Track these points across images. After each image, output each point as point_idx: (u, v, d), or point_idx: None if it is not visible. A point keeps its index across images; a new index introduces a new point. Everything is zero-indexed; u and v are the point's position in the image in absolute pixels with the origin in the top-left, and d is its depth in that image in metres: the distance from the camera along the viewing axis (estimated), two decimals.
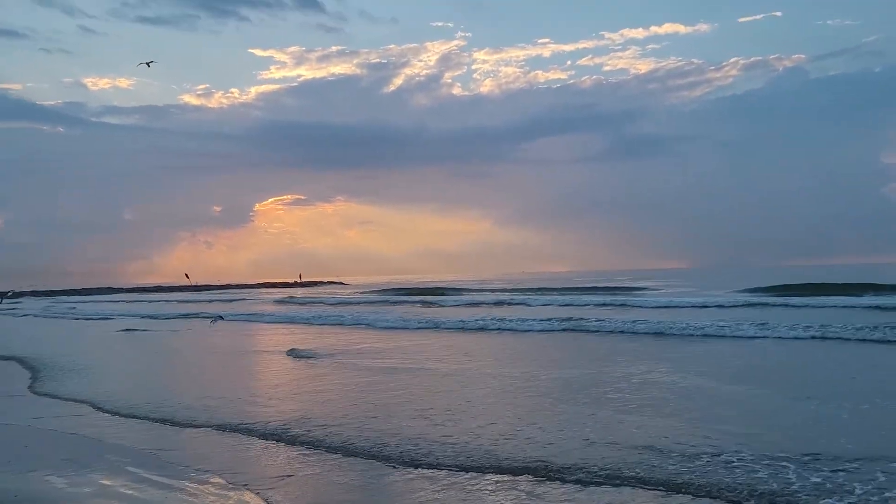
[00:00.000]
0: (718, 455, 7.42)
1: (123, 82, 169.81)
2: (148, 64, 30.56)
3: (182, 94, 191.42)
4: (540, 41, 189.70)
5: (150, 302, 61.02)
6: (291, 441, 8.82)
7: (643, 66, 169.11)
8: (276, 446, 8.64)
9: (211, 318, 33.77)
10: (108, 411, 11.07)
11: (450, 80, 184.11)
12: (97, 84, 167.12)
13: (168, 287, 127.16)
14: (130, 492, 6.85)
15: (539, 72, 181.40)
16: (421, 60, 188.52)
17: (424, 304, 40.79)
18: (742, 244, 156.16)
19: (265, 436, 9.15)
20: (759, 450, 7.56)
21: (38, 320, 40.27)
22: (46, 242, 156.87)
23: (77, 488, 7.00)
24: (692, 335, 20.00)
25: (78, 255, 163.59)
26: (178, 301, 61.07)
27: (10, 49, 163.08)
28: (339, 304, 45.21)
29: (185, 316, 39.04)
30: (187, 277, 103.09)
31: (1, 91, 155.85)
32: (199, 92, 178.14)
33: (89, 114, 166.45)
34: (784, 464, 7.06)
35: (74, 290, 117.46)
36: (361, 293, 62.71)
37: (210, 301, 58.54)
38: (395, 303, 43.14)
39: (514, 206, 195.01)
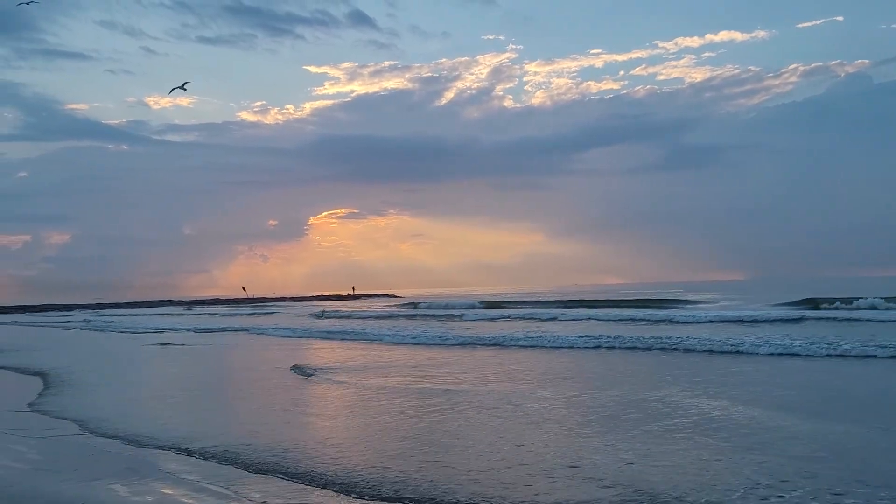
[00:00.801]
0: None
1: (184, 100, 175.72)
2: (183, 87, 30.79)
3: (240, 111, 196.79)
4: (592, 52, 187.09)
5: (198, 315, 62.13)
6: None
7: (698, 75, 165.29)
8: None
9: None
10: (92, 432, 10.83)
11: (501, 93, 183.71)
12: (159, 103, 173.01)
13: (226, 299, 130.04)
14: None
15: (591, 82, 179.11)
16: (472, 73, 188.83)
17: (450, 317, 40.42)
18: (802, 255, 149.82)
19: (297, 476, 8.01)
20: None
21: (79, 333, 41.20)
22: (111, 257, 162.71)
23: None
24: (749, 353, 18.60)
25: (140, 268, 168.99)
26: (225, 315, 61.86)
27: (78, 71, 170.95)
28: (378, 317, 44.87)
29: (222, 329, 39.41)
30: (244, 290, 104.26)
31: (68, 111, 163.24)
32: (255, 108, 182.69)
33: (151, 132, 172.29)
34: None
35: (136, 302, 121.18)
36: (397, 307, 62.41)
37: (248, 314, 59.26)
38: (433, 317, 42.31)
39: (566, 218, 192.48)
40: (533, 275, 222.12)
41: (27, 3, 24.19)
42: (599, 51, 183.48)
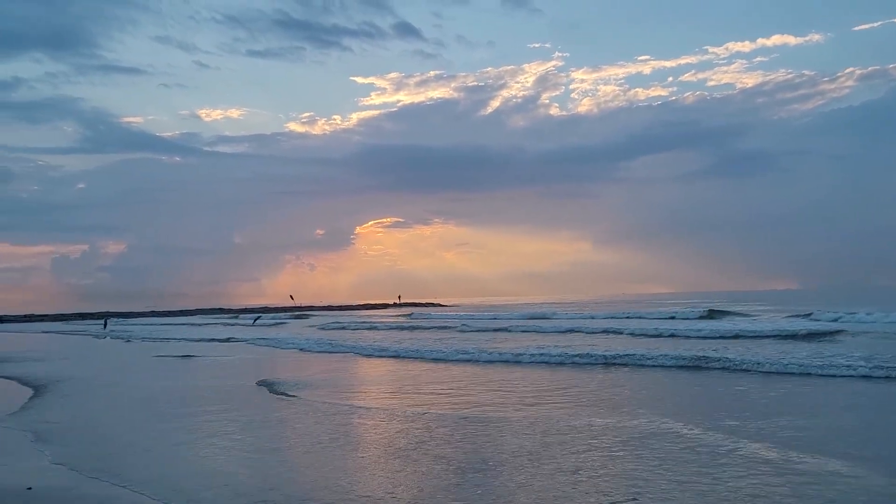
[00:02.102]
0: None
1: (234, 112, 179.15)
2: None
3: (288, 122, 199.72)
4: (640, 58, 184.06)
5: (234, 325, 62.38)
6: None
7: (750, 80, 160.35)
8: None
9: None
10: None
11: (547, 101, 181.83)
12: (210, 115, 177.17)
13: (274, 308, 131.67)
14: None
15: (639, 89, 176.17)
16: (518, 82, 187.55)
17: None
18: (859, 263, 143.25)
19: None
20: None
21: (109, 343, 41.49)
22: (164, 266, 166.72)
23: None
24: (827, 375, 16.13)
25: (192, 277, 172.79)
26: (252, 324, 61.94)
27: (133, 85, 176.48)
28: (415, 328, 43.95)
29: (246, 340, 39.10)
30: (292, 299, 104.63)
31: (124, 124, 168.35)
32: (303, 119, 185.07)
33: (203, 143, 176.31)
34: None
35: (189, 310, 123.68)
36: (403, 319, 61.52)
37: (276, 323, 59.26)
38: (473, 330, 40.69)
39: (613, 226, 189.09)
40: (578, 284, 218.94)
41: None
42: (647, 57, 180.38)
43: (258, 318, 47.74)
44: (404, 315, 71.65)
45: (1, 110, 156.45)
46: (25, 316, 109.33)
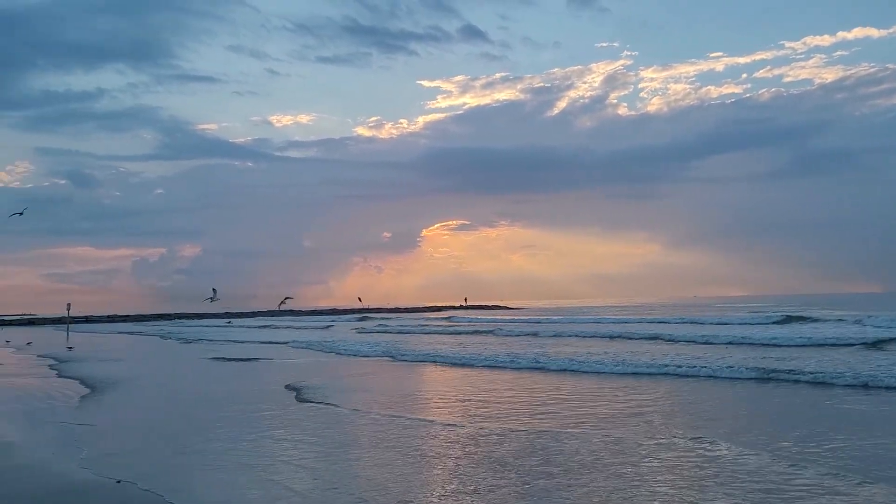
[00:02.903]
0: None
1: (304, 118, 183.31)
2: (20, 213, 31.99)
3: (356, 126, 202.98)
4: (712, 55, 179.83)
5: (286, 328, 63.34)
6: None
7: (829, 75, 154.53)
8: None
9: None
10: None
11: (615, 101, 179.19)
12: (281, 121, 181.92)
13: (342, 310, 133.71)
14: None
15: (711, 87, 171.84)
16: (585, 82, 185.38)
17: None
18: None
19: None
20: None
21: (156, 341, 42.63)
22: (237, 268, 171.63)
23: None
24: None
25: (263, 279, 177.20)
26: (302, 327, 62.64)
27: (208, 93, 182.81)
28: (459, 333, 43.37)
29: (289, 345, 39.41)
30: (360, 301, 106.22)
31: (200, 131, 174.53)
32: (371, 124, 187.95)
33: (274, 149, 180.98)
34: None
35: (260, 312, 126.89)
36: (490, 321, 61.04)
37: (309, 327, 59.81)
38: (527, 334, 38.54)
39: (684, 228, 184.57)
40: (648, 286, 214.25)
41: (19, 214, 25.09)
42: (720, 54, 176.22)
43: (230, 322, 50.93)
44: (444, 318, 71.29)
45: (86, 120, 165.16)
46: (109, 316, 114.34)
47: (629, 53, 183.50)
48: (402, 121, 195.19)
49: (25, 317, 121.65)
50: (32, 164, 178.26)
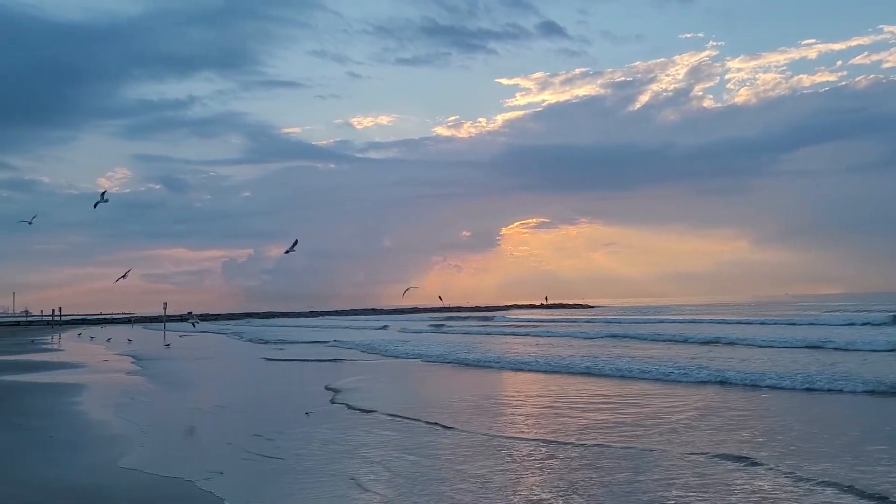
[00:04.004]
0: None
1: (384, 119, 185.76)
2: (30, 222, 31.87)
3: (435, 126, 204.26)
4: (804, 42, 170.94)
5: (355, 328, 63.87)
6: None
7: None
8: None
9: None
10: None
11: (700, 93, 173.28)
12: (362, 123, 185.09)
13: (423, 308, 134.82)
14: None
15: (803, 76, 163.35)
16: (668, 75, 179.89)
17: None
18: None
19: None
20: None
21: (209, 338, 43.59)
22: (320, 268, 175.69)
23: None
24: None
25: (346, 279, 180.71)
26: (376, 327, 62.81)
27: (292, 97, 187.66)
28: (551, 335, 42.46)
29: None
30: (440, 300, 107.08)
31: (284, 135, 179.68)
32: (449, 123, 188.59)
33: (355, 150, 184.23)
34: None
35: (343, 311, 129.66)
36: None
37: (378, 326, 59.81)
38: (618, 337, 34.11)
39: (775, 223, 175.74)
40: (736, 285, 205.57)
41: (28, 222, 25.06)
42: (812, 41, 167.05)
43: (196, 323, 53.42)
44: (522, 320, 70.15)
45: (179, 127, 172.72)
46: (201, 315, 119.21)
47: (715, 44, 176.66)
48: (480, 119, 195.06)
49: (126, 315, 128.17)
50: (130, 170, 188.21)
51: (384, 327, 56.61)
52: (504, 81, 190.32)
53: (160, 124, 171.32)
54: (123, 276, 32.46)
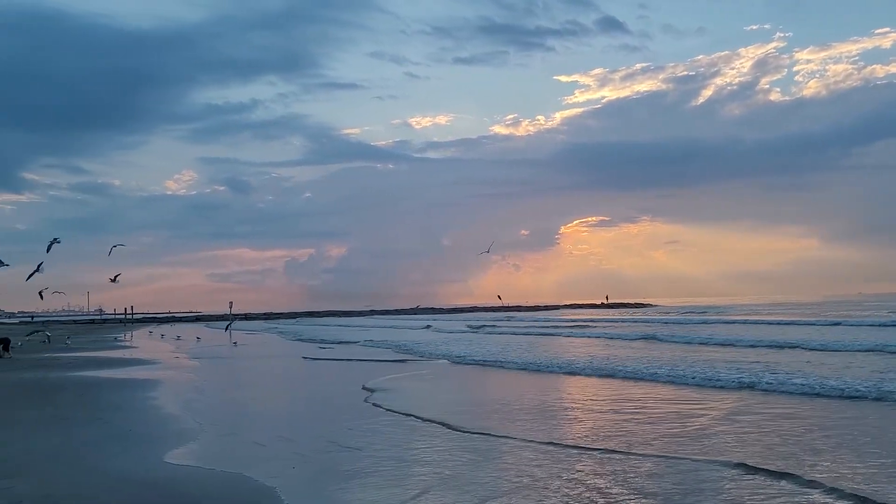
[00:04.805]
0: None
1: (442, 119, 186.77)
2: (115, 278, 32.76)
3: (493, 125, 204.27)
4: (878, 31, 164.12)
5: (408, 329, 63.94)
6: None
7: None
8: None
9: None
10: None
11: (766, 86, 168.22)
12: (420, 123, 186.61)
13: (482, 307, 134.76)
14: None
15: (877, 66, 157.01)
16: (733, 68, 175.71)
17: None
18: None
19: None
20: None
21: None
22: (379, 267, 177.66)
23: None
24: None
25: (405, 278, 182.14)
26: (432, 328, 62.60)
27: (351, 99, 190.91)
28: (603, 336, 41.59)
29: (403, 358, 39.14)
30: (499, 299, 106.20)
31: (344, 136, 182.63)
32: (507, 122, 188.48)
33: (413, 150, 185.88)
34: None
35: (403, 310, 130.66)
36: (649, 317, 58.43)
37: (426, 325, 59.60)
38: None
39: (847, 220, 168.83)
40: (804, 283, 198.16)
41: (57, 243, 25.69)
42: (887, 29, 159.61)
43: (230, 324, 53.98)
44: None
45: (242, 130, 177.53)
46: (265, 314, 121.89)
47: (782, 35, 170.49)
48: (538, 117, 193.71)
49: (193, 314, 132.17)
50: (196, 172, 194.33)
51: (427, 327, 56.71)
52: (562, 79, 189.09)
53: (225, 128, 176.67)
54: (114, 279, 34.23)
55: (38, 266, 25.97)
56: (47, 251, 24.97)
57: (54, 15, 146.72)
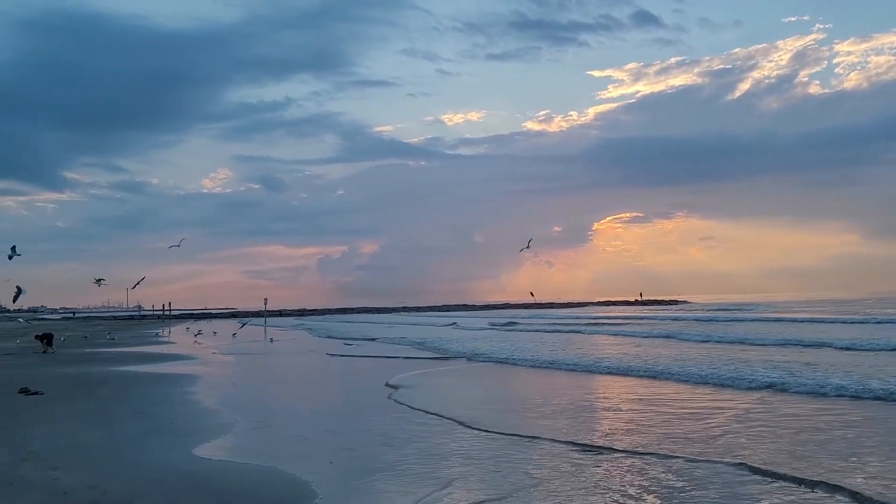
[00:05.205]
0: None
1: (474, 115, 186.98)
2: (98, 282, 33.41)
3: (525, 121, 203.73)
4: None
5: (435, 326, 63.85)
6: None
7: None
8: None
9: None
10: None
11: (805, 79, 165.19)
12: (452, 119, 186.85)
13: (515, 304, 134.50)
14: None
15: None
16: (771, 61, 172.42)
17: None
18: None
19: None
20: None
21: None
22: (412, 264, 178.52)
23: None
24: None
25: (437, 274, 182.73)
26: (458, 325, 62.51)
27: (384, 97, 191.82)
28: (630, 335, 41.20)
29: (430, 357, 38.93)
30: (532, 295, 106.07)
31: (376, 133, 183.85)
32: (540, 118, 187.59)
33: (445, 147, 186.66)
34: None
35: (434, 306, 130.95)
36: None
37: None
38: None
39: (890, 214, 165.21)
40: (844, 280, 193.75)
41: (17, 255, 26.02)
42: None
43: (244, 324, 54.78)
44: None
45: (276, 128, 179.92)
46: (298, 310, 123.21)
47: (822, 26, 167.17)
48: (571, 113, 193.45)
49: (229, 310, 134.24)
50: (231, 170, 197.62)
51: (452, 324, 56.50)
52: (596, 74, 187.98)
53: (259, 126, 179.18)
54: (98, 282, 35.17)
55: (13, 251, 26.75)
56: (9, 259, 25.95)
57: (94, 17, 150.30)
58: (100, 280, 35.46)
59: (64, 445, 9.86)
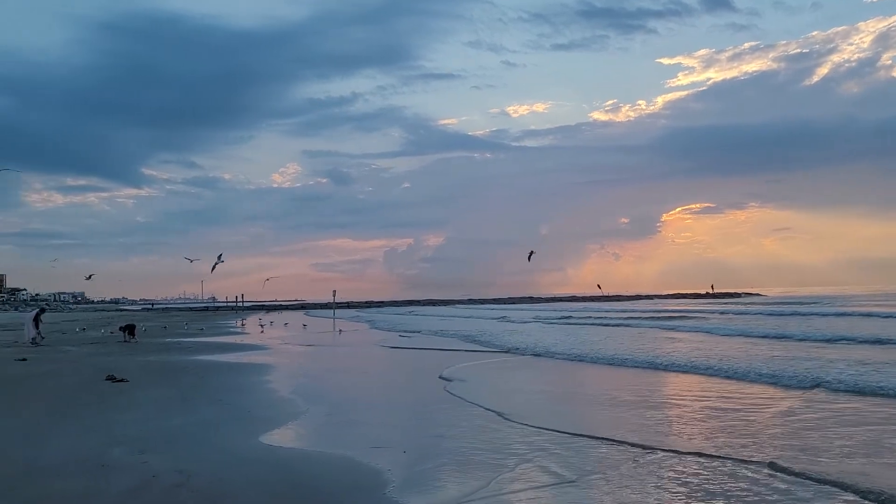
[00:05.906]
0: None
1: (539, 107, 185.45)
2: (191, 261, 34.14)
3: (591, 111, 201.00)
4: None
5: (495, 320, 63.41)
6: None
7: None
8: None
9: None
10: None
11: (889, 62, 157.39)
12: (517, 111, 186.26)
13: (581, 297, 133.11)
14: None
15: None
16: (851, 44, 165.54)
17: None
18: None
19: None
20: None
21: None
22: (477, 256, 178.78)
23: None
24: None
25: (502, 267, 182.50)
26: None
27: (449, 90, 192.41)
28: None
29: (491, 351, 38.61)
30: (599, 288, 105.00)
31: (441, 126, 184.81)
32: (607, 108, 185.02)
33: (511, 139, 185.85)
34: None
35: (501, 299, 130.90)
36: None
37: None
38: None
39: None
40: None
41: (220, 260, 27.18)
42: None
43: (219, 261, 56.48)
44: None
45: (343, 123, 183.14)
46: (366, 302, 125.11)
47: None
48: (639, 102, 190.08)
49: (298, 302, 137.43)
50: (300, 165, 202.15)
51: (502, 318, 55.95)
52: (665, 61, 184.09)
53: (326, 121, 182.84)
54: (216, 265, 36.91)
55: (219, 257, 28.84)
56: (211, 271, 27.82)
57: (171, 19, 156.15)
58: (194, 260, 38.14)
59: (150, 430, 10.37)
